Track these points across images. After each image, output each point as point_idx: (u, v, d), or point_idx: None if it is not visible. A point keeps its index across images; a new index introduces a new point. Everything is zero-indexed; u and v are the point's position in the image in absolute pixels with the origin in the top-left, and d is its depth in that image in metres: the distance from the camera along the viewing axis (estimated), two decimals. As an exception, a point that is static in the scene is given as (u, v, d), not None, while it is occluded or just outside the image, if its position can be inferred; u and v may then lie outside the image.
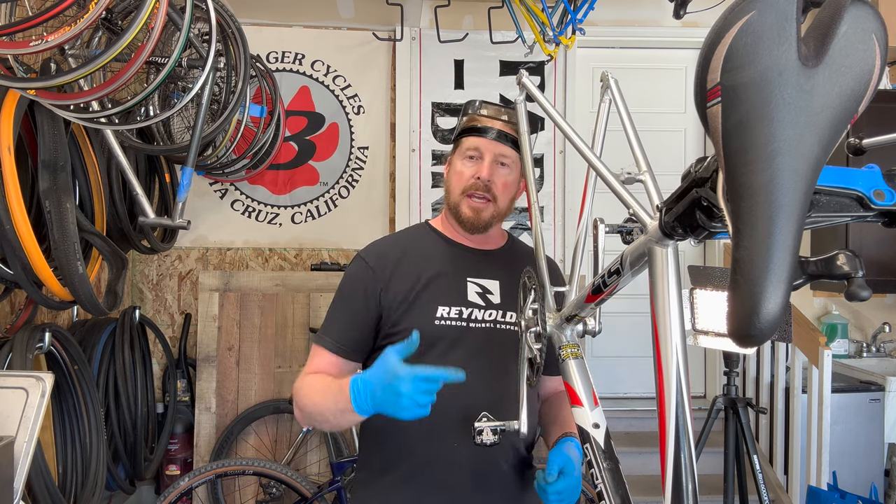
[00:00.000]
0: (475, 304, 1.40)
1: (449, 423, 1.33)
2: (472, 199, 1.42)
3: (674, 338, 0.74)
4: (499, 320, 1.41)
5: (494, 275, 1.45)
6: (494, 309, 1.41)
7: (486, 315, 1.40)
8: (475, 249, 1.48)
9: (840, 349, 3.71)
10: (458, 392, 1.31)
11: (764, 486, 2.43)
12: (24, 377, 1.75)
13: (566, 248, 3.83)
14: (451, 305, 1.38)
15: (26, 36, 1.70)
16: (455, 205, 1.44)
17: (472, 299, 1.40)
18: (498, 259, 1.49)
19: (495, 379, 1.38)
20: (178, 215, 2.37)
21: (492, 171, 1.41)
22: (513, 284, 1.43)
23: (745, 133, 0.53)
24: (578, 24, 2.92)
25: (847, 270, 0.70)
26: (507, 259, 1.50)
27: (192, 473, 2.57)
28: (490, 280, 1.44)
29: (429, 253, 1.45)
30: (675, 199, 0.72)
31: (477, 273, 1.44)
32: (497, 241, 1.54)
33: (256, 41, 3.39)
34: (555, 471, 1.26)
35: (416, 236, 1.51)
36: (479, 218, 1.42)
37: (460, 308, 1.38)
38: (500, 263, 1.48)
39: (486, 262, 1.46)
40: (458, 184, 1.44)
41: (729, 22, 0.52)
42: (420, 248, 1.46)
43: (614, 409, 3.79)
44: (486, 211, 1.42)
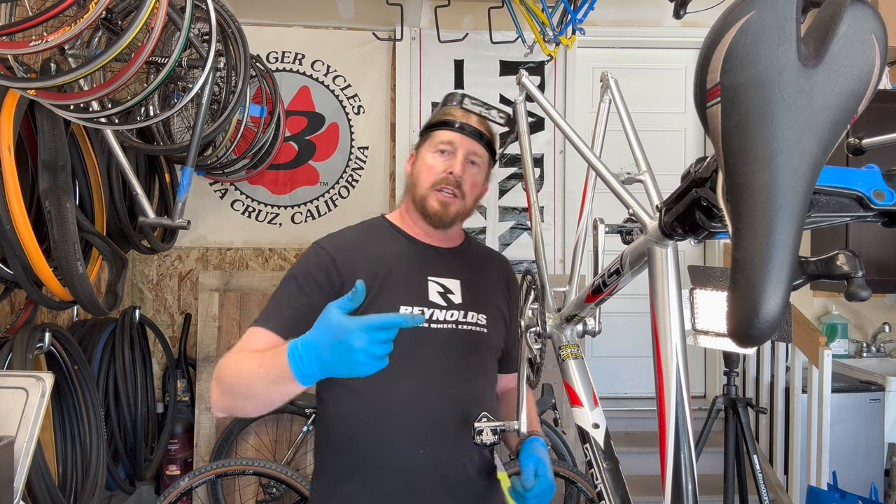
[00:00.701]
0: (436, 305, 1.35)
1: (414, 428, 1.29)
2: (441, 192, 1.37)
3: (674, 338, 0.74)
4: (461, 320, 1.36)
5: (455, 274, 1.40)
6: (456, 309, 1.37)
7: (447, 315, 1.35)
8: (435, 247, 1.43)
9: (840, 349, 3.71)
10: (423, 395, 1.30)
11: (764, 486, 2.43)
12: (24, 377, 1.75)
13: (566, 248, 3.83)
14: (412, 305, 1.32)
15: (26, 36, 1.70)
16: (422, 198, 1.38)
17: (433, 299, 1.35)
18: (458, 258, 1.45)
19: (459, 380, 1.34)
20: (178, 215, 2.37)
21: (464, 167, 1.38)
22: (473, 284, 1.41)
23: (745, 133, 0.53)
24: (578, 24, 2.92)
25: (847, 270, 0.71)
26: (467, 258, 1.47)
27: (192, 473, 2.57)
28: (451, 279, 1.39)
29: (388, 249, 1.39)
30: (675, 199, 0.72)
31: (438, 272, 1.39)
32: (456, 239, 1.50)
33: (256, 41, 3.39)
34: (531, 475, 1.24)
35: (375, 231, 1.44)
36: (446, 212, 1.37)
37: (422, 308, 1.33)
38: (461, 262, 1.44)
39: (446, 260, 1.42)
40: (427, 176, 1.38)
41: (729, 22, 0.52)
42: (379, 244, 1.40)
43: (614, 409, 3.78)
44: (453, 206, 1.38)
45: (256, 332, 1.25)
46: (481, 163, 1.41)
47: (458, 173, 1.36)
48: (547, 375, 1.99)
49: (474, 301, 1.39)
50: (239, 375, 1.13)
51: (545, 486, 1.24)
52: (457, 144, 1.38)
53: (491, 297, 1.44)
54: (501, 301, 1.47)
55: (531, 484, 1.23)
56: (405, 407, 1.29)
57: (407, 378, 1.29)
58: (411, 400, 1.30)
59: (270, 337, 1.23)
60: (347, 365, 0.96)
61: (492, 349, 1.42)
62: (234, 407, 1.17)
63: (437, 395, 1.31)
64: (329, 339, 0.97)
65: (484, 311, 1.40)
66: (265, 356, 1.09)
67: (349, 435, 1.32)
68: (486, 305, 1.41)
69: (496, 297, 1.46)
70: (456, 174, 1.36)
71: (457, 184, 1.37)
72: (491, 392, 1.44)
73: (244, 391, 1.12)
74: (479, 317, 1.39)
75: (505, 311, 1.47)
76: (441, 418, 1.31)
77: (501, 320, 1.46)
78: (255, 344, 1.22)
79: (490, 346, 1.41)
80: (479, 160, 1.40)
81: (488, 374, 1.42)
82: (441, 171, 1.37)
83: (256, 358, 1.11)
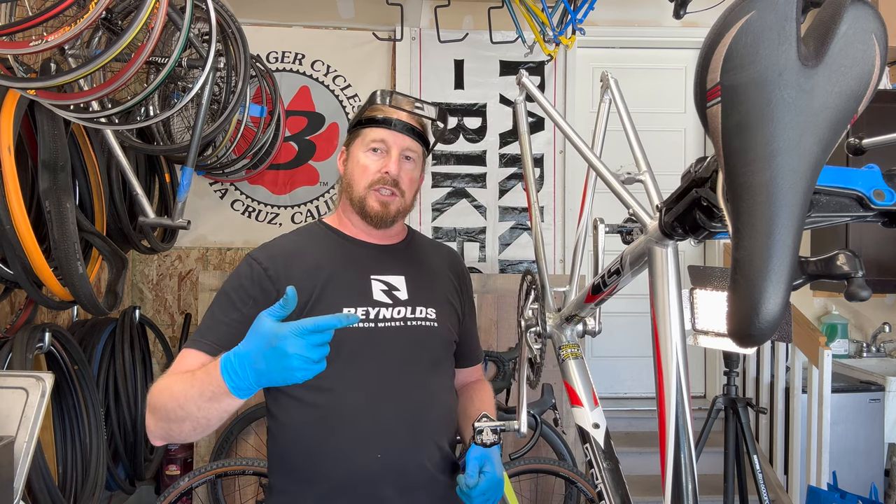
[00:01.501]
0: (382, 303, 1.31)
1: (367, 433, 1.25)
2: (380, 192, 1.33)
3: (674, 338, 0.74)
4: (409, 317, 1.33)
5: (398, 270, 1.37)
6: (403, 305, 1.33)
7: (394, 313, 1.32)
8: (376, 245, 1.40)
9: (840, 349, 3.71)
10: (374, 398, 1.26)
11: (764, 486, 2.43)
12: (24, 377, 1.75)
13: (566, 248, 3.83)
14: (356, 306, 1.29)
15: (26, 36, 1.70)
16: (360, 199, 1.34)
17: (378, 298, 1.32)
18: (400, 253, 1.42)
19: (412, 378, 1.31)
20: (178, 215, 2.37)
21: (399, 165, 1.34)
22: (419, 278, 1.38)
23: (745, 133, 0.53)
24: (578, 24, 2.92)
25: (847, 270, 0.71)
26: (410, 252, 1.44)
27: (192, 473, 2.57)
28: (395, 276, 1.36)
29: (327, 252, 1.35)
30: (675, 199, 0.72)
31: (380, 270, 1.36)
32: (398, 235, 1.46)
33: (256, 41, 3.39)
34: (475, 472, 1.22)
35: (312, 236, 1.41)
36: (387, 211, 1.34)
37: (367, 308, 1.29)
38: (404, 258, 1.41)
39: (388, 257, 1.39)
40: (362, 177, 1.34)
41: (729, 22, 0.52)
42: (317, 248, 1.36)
43: (614, 409, 3.78)
44: (393, 204, 1.35)
45: (187, 354, 1.21)
46: (416, 157, 1.38)
47: (395, 173, 1.33)
48: (547, 375, 1.99)
49: (421, 295, 1.36)
50: (172, 397, 1.08)
51: (491, 482, 1.23)
52: (389, 142, 1.34)
53: (439, 290, 1.42)
54: (451, 292, 1.44)
55: (474, 481, 1.21)
56: (356, 413, 1.25)
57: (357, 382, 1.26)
58: (362, 405, 1.25)
59: (201, 357, 1.19)
60: (283, 373, 0.95)
61: (444, 342, 1.39)
62: (170, 431, 1.12)
63: (389, 396, 1.27)
64: (262, 347, 0.95)
65: (432, 305, 1.37)
66: (197, 375, 1.06)
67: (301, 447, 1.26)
68: (434, 299, 1.38)
69: (445, 289, 1.43)
70: (392, 174, 1.33)
71: (394, 183, 1.33)
72: (447, 387, 1.41)
73: (179, 413, 1.07)
74: (427, 311, 1.35)
75: (456, 303, 1.44)
76: (395, 420, 1.27)
77: (453, 312, 1.42)
78: (186, 366, 1.18)
79: (442, 340, 1.38)
80: (413, 155, 1.37)
81: (442, 369, 1.39)
82: (376, 171, 1.33)
83: (188, 378, 1.08)
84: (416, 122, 1.38)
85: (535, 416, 2.43)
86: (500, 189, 3.85)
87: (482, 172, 3.85)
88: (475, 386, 1.54)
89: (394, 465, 1.25)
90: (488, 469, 1.25)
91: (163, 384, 1.14)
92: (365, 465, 1.24)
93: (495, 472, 1.26)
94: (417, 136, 1.38)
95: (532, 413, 2.41)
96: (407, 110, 1.36)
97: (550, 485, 3.08)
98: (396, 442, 1.26)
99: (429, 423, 1.31)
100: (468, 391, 1.51)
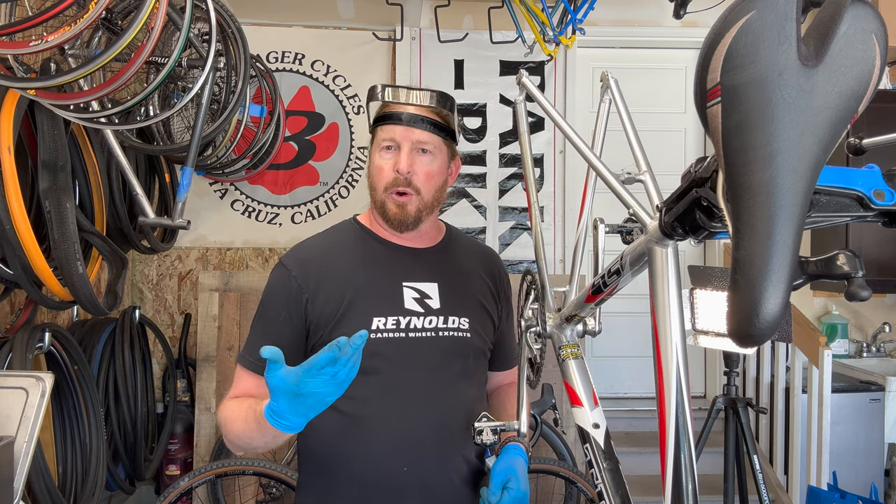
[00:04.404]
0: (413, 312, 1.28)
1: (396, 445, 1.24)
2: (395, 194, 1.29)
3: (674, 338, 0.74)
4: (440, 327, 1.29)
5: (432, 276, 1.33)
6: (434, 315, 1.29)
7: (426, 322, 1.28)
8: (408, 248, 1.35)
9: (840, 349, 3.71)
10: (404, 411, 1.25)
11: (764, 486, 2.43)
12: (24, 377, 1.75)
13: (566, 248, 3.83)
14: (387, 315, 1.25)
15: (26, 36, 1.70)
16: (381, 203, 1.30)
17: (409, 306, 1.28)
18: (434, 258, 1.36)
19: (442, 391, 1.28)
20: (178, 215, 2.37)
21: (411, 161, 1.27)
22: (453, 285, 1.34)
23: (745, 133, 0.53)
24: (578, 24, 2.92)
25: (847, 270, 0.70)
26: (445, 257, 1.38)
27: (192, 473, 2.57)
28: (427, 283, 1.32)
29: (358, 255, 1.32)
30: (675, 199, 0.72)
31: (412, 276, 1.31)
32: (432, 236, 1.40)
33: (256, 41, 3.38)
34: (498, 488, 1.19)
35: (344, 236, 1.37)
36: (405, 214, 1.29)
37: (397, 318, 1.26)
38: (437, 263, 1.36)
39: (421, 262, 1.34)
40: (379, 179, 1.29)
41: (729, 22, 0.52)
42: (348, 250, 1.33)
43: (614, 409, 3.78)
44: (410, 205, 1.29)
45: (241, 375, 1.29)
46: (433, 148, 1.30)
47: (405, 169, 1.26)
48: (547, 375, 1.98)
49: (454, 304, 1.32)
50: (241, 434, 1.18)
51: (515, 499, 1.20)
52: (399, 138, 1.27)
53: (474, 297, 1.37)
54: (487, 298, 1.40)
55: (496, 498, 1.19)
56: (383, 425, 1.24)
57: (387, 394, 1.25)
58: (392, 417, 1.24)
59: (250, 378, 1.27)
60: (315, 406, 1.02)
61: (477, 352, 1.35)
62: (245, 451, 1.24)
63: (417, 409, 1.26)
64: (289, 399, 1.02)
65: (465, 315, 1.33)
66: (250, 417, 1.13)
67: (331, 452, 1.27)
68: (467, 307, 1.34)
69: (480, 295, 1.39)
70: (402, 171, 1.26)
71: (406, 182, 1.27)
72: (478, 398, 1.38)
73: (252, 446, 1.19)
74: (460, 321, 1.32)
75: (491, 308, 1.41)
76: (423, 434, 1.25)
77: (488, 319, 1.39)
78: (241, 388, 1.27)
79: (475, 350, 1.34)
80: (429, 146, 1.29)
81: (474, 379, 1.36)
82: (390, 171, 1.28)
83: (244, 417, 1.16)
84: (429, 112, 1.29)
85: (535, 416, 2.43)
86: (500, 189, 3.85)
87: (482, 172, 3.85)
88: (508, 390, 1.49)
89: (419, 479, 1.24)
90: (513, 485, 1.20)
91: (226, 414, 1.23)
92: (390, 479, 1.23)
93: (520, 488, 1.20)
94: (432, 126, 1.29)
95: (532, 413, 2.41)
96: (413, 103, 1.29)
97: (550, 485, 3.08)
98: (423, 456, 1.24)
99: (457, 437, 1.28)
100: (500, 396, 1.48)
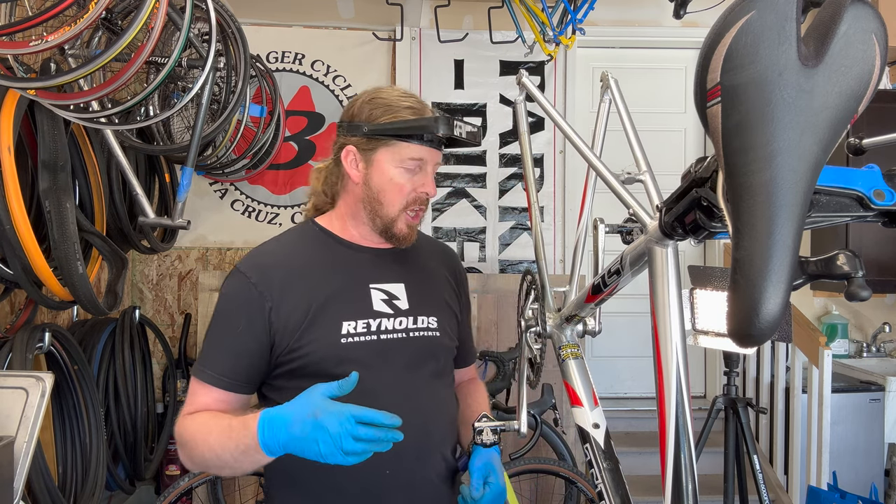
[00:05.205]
0: (383, 314, 1.25)
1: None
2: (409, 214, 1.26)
3: (674, 338, 0.74)
4: (410, 327, 1.27)
5: (398, 277, 1.30)
6: (404, 316, 1.27)
7: (396, 324, 1.25)
8: (372, 249, 1.31)
9: (840, 349, 3.71)
10: None
11: (764, 486, 2.43)
12: (24, 377, 1.75)
13: (566, 248, 3.83)
14: (356, 319, 1.22)
15: (26, 36, 1.70)
16: (391, 219, 1.25)
17: (378, 308, 1.25)
18: (399, 258, 1.33)
19: (417, 391, 1.26)
20: (178, 215, 2.37)
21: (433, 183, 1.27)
22: (419, 284, 1.33)
23: (745, 133, 0.53)
24: (578, 24, 2.92)
25: (847, 270, 0.71)
26: (409, 256, 1.35)
27: (191, 473, 2.57)
28: (394, 284, 1.29)
29: (321, 259, 1.27)
30: (675, 199, 0.72)
31: (378, 278, 1.28)
32: None
33: (256, 41, 3.38)
34: (481, 484, 1.20)
35: (304, 240, 1.32)
36: (413, 234, 1.28)
37: (367, 321, 1.23)
38: (401, 263, 1.33)
39: (387, 263, 1.31)
40: (398, 197, 1.24)
41: (729, 22, 0.52)
42: (310, 254, 1.28)
43: (614, 409, 3.78)
44: (419, 223, 1.29)
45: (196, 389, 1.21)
46: None
47: (434, 193, 1.26)
48: (547, 375, 1.99)
49: (422, 304, 1.31)
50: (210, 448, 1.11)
51: (496, 492, 1.22)
52: (427, 159, 1.24)
53: (439, 295, 1.37)
54: (450, 295, 1.39)
55: (480, 494, 1.19)
56: None
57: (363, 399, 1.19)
58: None
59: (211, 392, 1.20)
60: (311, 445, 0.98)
61: (447, 351, 1.34)
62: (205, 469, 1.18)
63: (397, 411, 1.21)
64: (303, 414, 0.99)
65: (434, 313, 1.32)
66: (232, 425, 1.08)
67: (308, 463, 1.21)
68: (434, 306, 1.33)
69: (444, 293, 1.38)
70: (432, 195, 1.26)
71: (426, 202, 1.28)
72: (451, 395, 1.38)
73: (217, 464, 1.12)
74: (429, 320, 1.30)
75: (454, 305, 1.40)
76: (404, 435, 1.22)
77: (453, 317, 1.38)
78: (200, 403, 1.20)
79: (445, 349, 1.33)
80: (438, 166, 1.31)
81: (446, 377, 1.35)
82: (412, 191, 1.24)
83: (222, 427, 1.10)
84: None
85: (535, 416, 2.44)
86: (500, 189, 3.85)
87: (482, 172, 3.85)
88: (470, 387, 1.51)
89: (402, 481, 1.24)
90: (492, 480, 1.22)
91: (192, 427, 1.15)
92: (373, 482, 1.22)
93: (499, 482, 1.23)
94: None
95: (532, 413, 2.41)
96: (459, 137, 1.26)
97: (550, 485, 3.08)
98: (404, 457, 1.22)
99: (434, 435, 1.28)
100: (463, 392, 1.49)
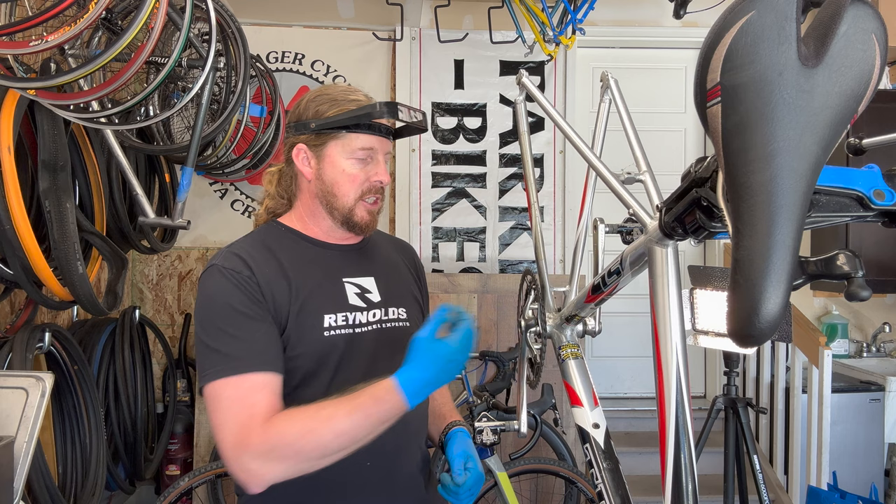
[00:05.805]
0: (357, 307, 1.28)
1: None
2: (367, 201, 1.28)
3: (674, 338, 0.74)
4: (383, 319, 1.31)
5: (367, 271, 1.34)
6: (377, 308, 1.30)
7: (370, 316, 1.29)
8: (340, 246, 1.34)
9: (840, 349, 3.71)
10: None
11: (764, 486, 2.43)
12: (24, 377, 1.75)
13: (566, 248, 3.83)
14: (336, 312, 1.24)
15: (26, 36, 1.70)
16: (348, 209, 1.27)
17: (353, 302, 1.28)
18: (365, 253, 1.37)
19: None
20: (178, 215, 2.37)
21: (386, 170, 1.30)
22: (387, 278, 1.36)
23: (745, 133, 0.53)
24: (578, 24, 2.92)
25: (847, 270, 0.71)
26: (373, 251, 1.40)
27: (192, 473, 2.57)
28: (365, 277, 1.32)
29: (294, 256, 1.28)
30: (675, 199, 0.72)
31: (350, 272, 1.31)
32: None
33: (256, 41, 3.39)
34: (461, 470, 1.24)
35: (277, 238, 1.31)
36: (374, 221, 1.31)
37: (345, 314, 1.25)
38: (368, 257, 1.37)
39: (354, 258, 1.34)
40: (351, 187, 1.26)
41: (729, 22, 0.52)
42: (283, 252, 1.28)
43: (614, 409, 3.78)
44: (379, 211, 1.32)
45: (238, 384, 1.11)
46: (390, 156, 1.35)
47: (387, 181, 1.29)
48: (547, 375, 1.98)
49: (392, 296, 1.34)
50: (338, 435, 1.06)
51: (476, 477, 1.25)
52: (377, 148, 1.27)
53: (406, 288, 1.40)
54: (415, 288, 1.44)
55: (463, 479, 1.23)
56: None
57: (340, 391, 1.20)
58: None
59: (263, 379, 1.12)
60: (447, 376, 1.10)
61: None
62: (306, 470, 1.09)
63: None
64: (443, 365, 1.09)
65: (403, 304, 1.35)
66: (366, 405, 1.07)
67: None
68: (403, 298, 1.37)
69: (409, 285, 1.42)
70: (385, 183, 1.29)
71: (382, 190, 1.31)
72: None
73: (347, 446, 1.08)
74: (399, 311, 1.34)
75: (419, 297, 1.44)
76: None
77: (418, 308, 1.41)
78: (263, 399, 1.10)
79: None
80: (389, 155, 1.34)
81: None
82: (366, 180, 1.27)
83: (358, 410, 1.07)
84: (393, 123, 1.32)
85: (535, 416, 2.43)
86: (500, 189, 3.85)
87: (482, 172, 3.85)
88: None
89: (383, 473, 1.26)
90: (471, 465, 1.27)
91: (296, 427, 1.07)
92: (354, 474, 1.22)
93: (477, 468, 1.28)
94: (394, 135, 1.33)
95: (532, 413, 2.41)
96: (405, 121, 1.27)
97: (550, 485, 3.08)
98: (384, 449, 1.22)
99: (411, 426, 1.29)
100: None
